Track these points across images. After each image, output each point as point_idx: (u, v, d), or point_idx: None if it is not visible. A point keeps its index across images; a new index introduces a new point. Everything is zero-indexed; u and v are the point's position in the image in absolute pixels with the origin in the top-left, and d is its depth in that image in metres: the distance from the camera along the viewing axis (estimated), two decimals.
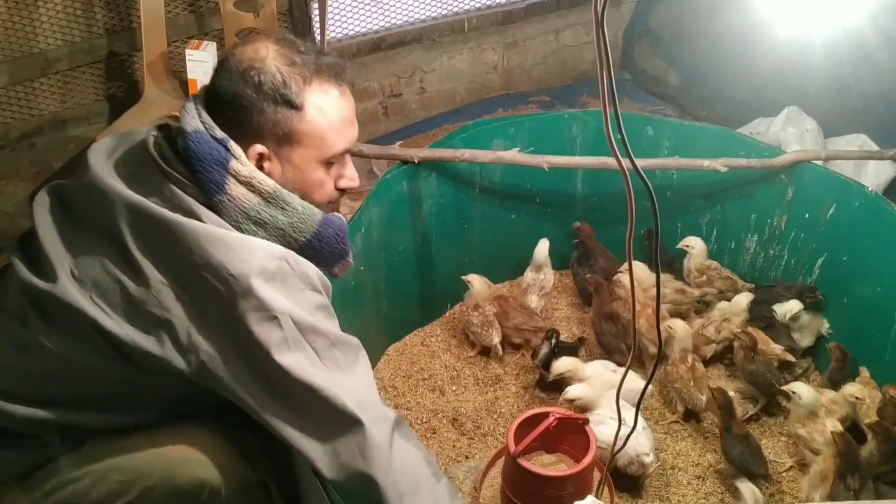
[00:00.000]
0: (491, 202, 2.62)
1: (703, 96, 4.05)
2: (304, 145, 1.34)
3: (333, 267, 1.46)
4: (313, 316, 1.29)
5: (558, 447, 2.03)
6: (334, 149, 1.37)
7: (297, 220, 1.33)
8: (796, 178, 2.41)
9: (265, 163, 1.34)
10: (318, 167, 1.38)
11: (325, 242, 1.38)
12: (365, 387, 1.36)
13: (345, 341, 1.34)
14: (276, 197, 1.31)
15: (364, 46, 3.87)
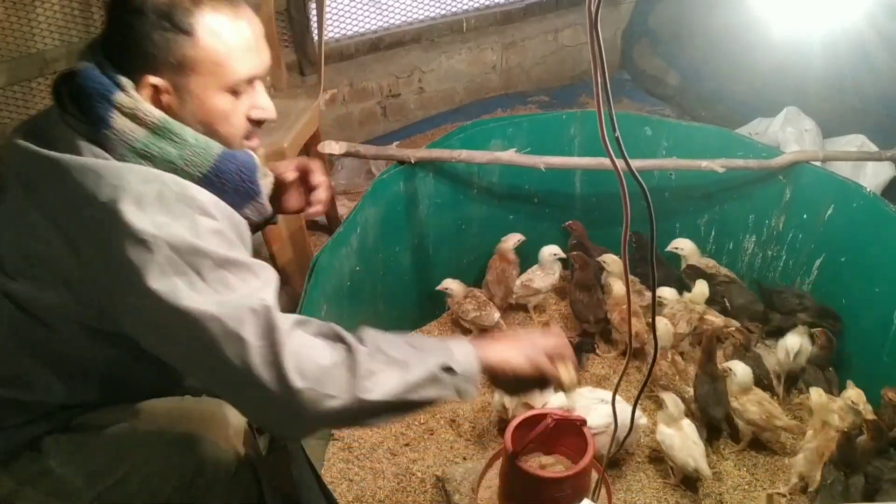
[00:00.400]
0: (489, 202, 2.62)
1: (703, 96, 4.05)
2: (199, 73, 1.24)
3: (243, 208, 1.34)
4: (199, 238, 1.17)
5: (556, 448, 2.02)
6: (235, 75, 1.26)
7: (190, 153, 1.24)
8: (794, 178, 2.40)
9: (163, 95, 1.24)
10: (220, 96, 1.27)
11: (226, 179, 1.28)
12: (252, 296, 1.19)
13: (237, 262, 1.19)
14: (165, 128, 1.23)
15: (362, 46, 3.87)
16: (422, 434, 2.24)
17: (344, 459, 2.16)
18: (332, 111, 3.71)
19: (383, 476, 2.11)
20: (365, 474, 2.12)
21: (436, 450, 2.20)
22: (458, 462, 2.15)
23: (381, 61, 3.89)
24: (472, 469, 2.07)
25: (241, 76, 1.27)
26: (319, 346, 1.19)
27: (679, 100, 4.21)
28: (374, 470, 2.13)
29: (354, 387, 1.17)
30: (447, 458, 2.17)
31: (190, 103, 1.26)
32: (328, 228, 3.22)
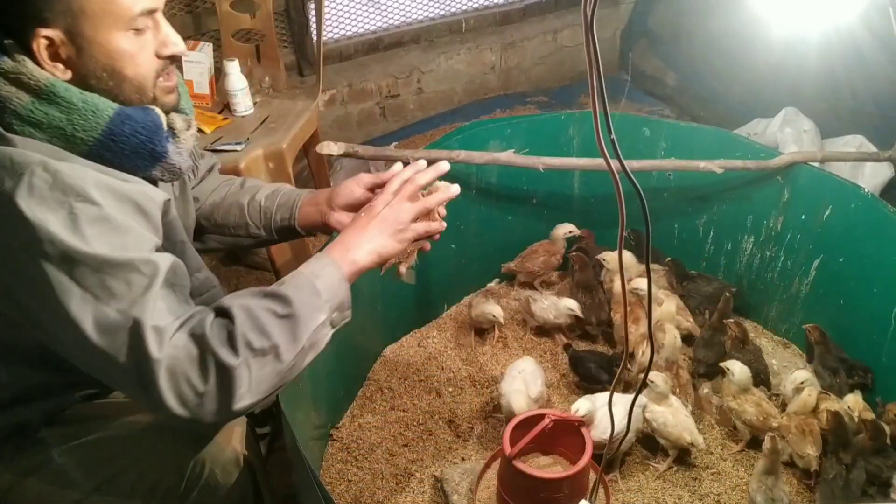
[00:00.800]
0: (487, 203, 2.62)
1: (702, 96, 4.05)
2: (90, 15, 1.14)
3: (149, 171, 1.27)
4: (76, 235, 1.10)
5: (554, 449, 2.03)
6: (129, 11, 1.16)
7: (78, 118, 1.16)
8: (792, 179, 2.40)
9: (61, 49, 1.16)
10: (119, 37, 1.18)
11: (123, 142, 1.19)
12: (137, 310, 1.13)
13: (117, 263, 1.12)
14: (50, 92, 1.14)
15: (361, 47, 3.87)
16: (420, 434, 2.24)
17: (342, 460, 2.17)
18: (331, 112, 3.71)
19: (382, 476, 2.11)
20: (363, 475, 2.12)
21: (434, 450, 2.19)
22: (456, 462, 2.15)
23: (380, 62, 3.90)
24: (470, 469, 2.07)
25: (135, 11, 1.18)
26: (195, 366, 1.13)
27: (678, 100, 4.22)
28: (372, 470, 2.13)
29: (232, 404, 1.14)
30: (446, 458, 2.17)
31: (89, 50, 1.17)
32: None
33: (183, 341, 1.13)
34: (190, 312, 1.18)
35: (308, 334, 1.22)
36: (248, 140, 2.39)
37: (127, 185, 1.18)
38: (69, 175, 1.12)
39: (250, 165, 2.29)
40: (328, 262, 1.29)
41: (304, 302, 1.22)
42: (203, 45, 2.64)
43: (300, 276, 1.26)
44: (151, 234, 1.20)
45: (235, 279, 2.99)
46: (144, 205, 1.19)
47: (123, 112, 1.20)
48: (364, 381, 2.44)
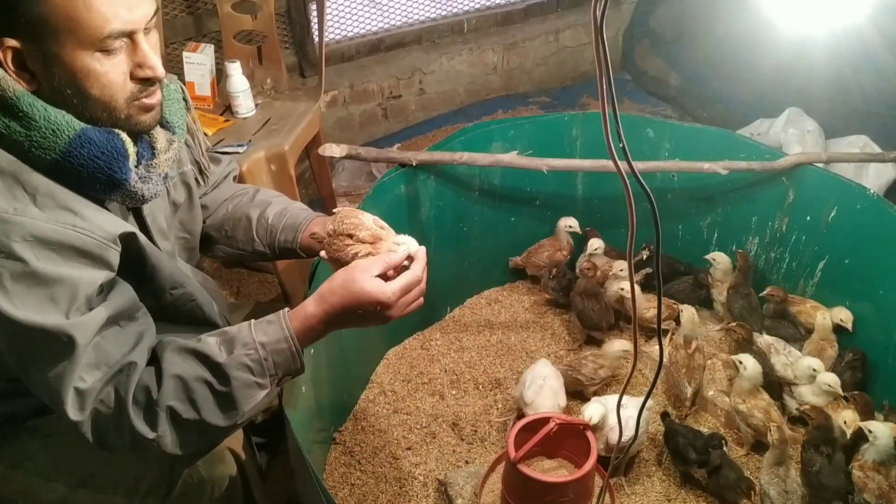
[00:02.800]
0: (490, 205, 2.60)
1: (704, 97, 4.04)
2: (55, 31, 1.09)
3: (108, 194, 1.23)
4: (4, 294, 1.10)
5: (559, 452, 2.02)
6: (97, 32, 1.11)
7: (38, 136, 1.12)
8: (797, 180, 2.39)
9: (27, 60, 1.12)
10: (84, 57, 1.12)
11: (79, 164, 1.15)
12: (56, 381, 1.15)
13: (36, 329, 1.11)
14: (13, 106, 1.11)
15: (363, 48, 3.86)
16: (424, 438, 2.23)
17: (345, 464, 2.15)
18: (333, 113, 3.70)
19: (385, 480, 2.10)
20: (367, 479, 2.11)
21: (437, 454, 2.18)
22: (460, 466, 2.14)
23: (382, 63, 3.89)
24: (474, 473, 2.06)
25: (104, 32, 1.12)
26: (115, 429, 1.19)
27: (680, 100, 4.21)
28: (375, 474, 2.12)
29: (157, 458, 1.24)
30: (449, 461, 2.16)
31: (54, 66, 1.13)
32: None
33: (107, 397, 1.19)
34: (124, 361, 1.20)
35: (244, 411, 1.25)
36: (250, 142, 2.38)
37: (60, 230, 1.13)
38: None
39: (252, 168, 2.28)
40: (285, 335, 1.28)
41: (245, 382, 1.25)
42: (204, 47, 2.63)
43: (249, 346, 1.26)
44: (96, 272, 1.17)
45: (237, 281, 2.98)
46: (85, 246, 1.15)
47: (85, 135, 1.16)
48: (367, 383, 2.42)
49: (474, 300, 2.77)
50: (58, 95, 1.16)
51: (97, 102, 1.18)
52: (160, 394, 1.19)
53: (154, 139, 1.30)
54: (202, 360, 1.23)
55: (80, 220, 1.16)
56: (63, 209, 1.15)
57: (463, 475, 2.05)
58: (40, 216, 1.12)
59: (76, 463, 1.43)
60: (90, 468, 1.43)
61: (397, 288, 1.35)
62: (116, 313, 1.21)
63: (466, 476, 2.05)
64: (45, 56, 1.12)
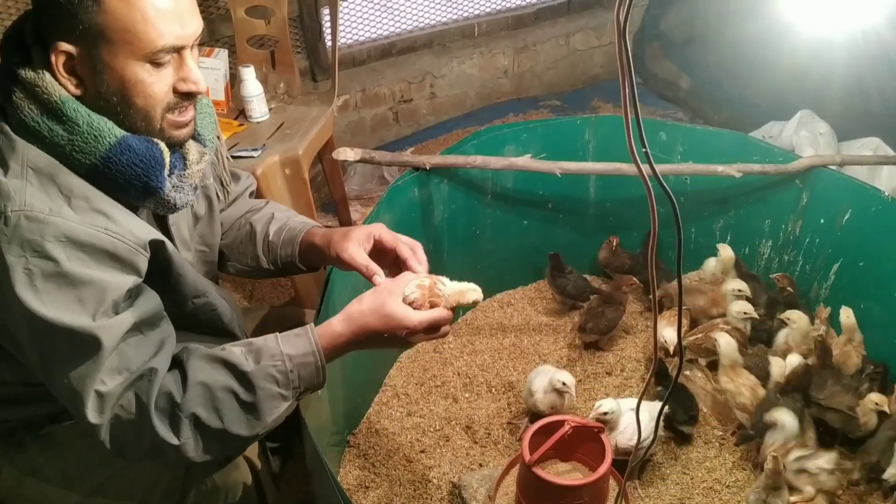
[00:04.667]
0: (503, 208, 2.61)
1: (715, 100, 4.04)
2: (110, 41, 1.14)
3: (142, 201, 1.26)
4: (32, 293, 1.12)
5: (573, 455, 2.02)
6: (151, 45, 1.16)
7: (80, 140, 1.16)
8: (811, 182, 2.39)
9: (77, 65, 1.16)
10: (134, 67, 1.17)
11: (118, 171, 1.19)
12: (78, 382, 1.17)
13: (63, 329, 1.13)
14: (58, 110, 1.15)
15: (374, 52, 3.88)
16: (437, 441, 2.23)
17: (360, 466, 2.16)
18: (345, 117, 3.72)
19: (400, 483, 2.11)
20: (381, 482, 2.11)
21: (451, 456, 2.19)
22: (474, 469, 2.14)
23: (393, 67, 3.90)
24: (488, 476, 2.06)
25: (157, 47, 1.17)
26: (134, 435, 1.20)
27: (691, 103, 4.21)
28: (390, 477, 2.12)
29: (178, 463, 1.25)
30: (463, 464, 2.16)
31: (104, 73, 1.17)
32: None
33: (127, 403, 1.19)
34: (145, 367, 1.20)
35: (266, 422, 1.26)
36: (264, 146, 2.39)
37: (93, 232, 1.16)
38: (29, 229, 1.12)
39: (267, 172, 2.29)
40: (312, 349, 1.30)
41: (270, 393, 1.25)
42: (218, 52, 2.65)
43: (276, 357, 1.27)
44: (125, 277, 1.19)
45: (251, 285, 2.99)
46: (116, 250, 1.18)
47: (125, 142, 1.19)
48: (380, 387, 2.43)
49: (487, 303, 2.78)
50: (102, 101, 1.20)
51: (139, 111, 1.21)
52: (184, 400, 1.20)
53: (187, 150, 1.33)
54: (229, 368, 1.24)
55: (113, 224, 1.18)
56: (96, 212, 1.18)
57: (477, 478, 2.06)
58: (74, 217, 1.15)
59: (90, 471, 1.43)
60: (104, 476, 1.44)
61: (426, 320, 1.36)
62: (141, 319, 1.22)
63: (481, 479, 2.05)
64: (97, 63, 1.16)
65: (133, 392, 1.19)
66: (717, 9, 3.96)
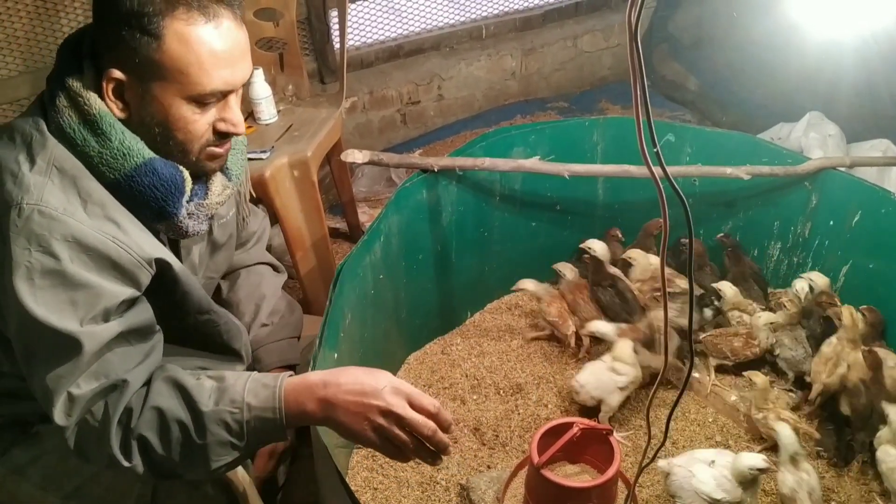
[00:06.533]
0: (511, 210, 2.61)
1: (723, 101, 4.03)
2: (163, 77, 1.21)
3: (156, 223, 1.31)
4: (28, 284, 1.14)
5: (582, 458, 2.02)
6: (200, 87, 1.22)
7: (109, 155, 1.21)
8: (821, 184, 2.38)
9: (126, 92, 1.23)
10: (182, 104, 1.24)
11: (138, 190, 1.23)
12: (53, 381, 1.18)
13: (48, 328, 1.14)
14: (95, 122, 1.20)
15: (382, 54, 3.88)
16: None
17: (368, 468, 2.16)
18: (352, 119, 3.73)
19: (407, 485, 2.10)
20: (389, 483, 2.11)
21: (459, 458, 2.18)
22: (482, 471, 2.14)
23: (401, 69, 3.90)
24: (496, 478, 2.06)
25: (206, 89, 1.23)
26: (95, 445, 1.20)
27: (699, 105, 4.20)
28: (398, 479, 2.12)
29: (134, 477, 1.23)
30: (471, 466, 2.16)
31: (150, 105, 1.23)
32: (349, 236, 3.23)
33: (96, 410, 1.19)
34: (120, 378, 1.20)
35: (212, 467, 1.23)
36: (272, 148, 2.40)
37: (101, 238, 1.19)
38: (40, 224, 1.15)
39: (275, 174, 2.30)
40: (274, 405, 1.22)
41: (219, 440, 1.21)
42: None
43: (236, 403, 1.21)
44: (122, 288, 1.22)
45: None
46: (120, 260, 1.20)
47: (151, 164, 1.24)
48: None
49: (495, 305, 2.78)
50: (143, 128, 1.26)
51: (177, 143, 1.28)
52: (138, 421, 1.19)
53: (211, 181, 1.38)
54: (188, 402, 1.21)
55: (123, 234, 1.21)
56: (109, 220, 1.21)
57: (485, 480, 2.05)
58: (86, 221, 1.18)
59: (68, 474, 1.44)
60: (79, 480, 1.44)
61: (414, 395, 1.24)
62: (129, 330, 1.23)
63: (489, 481, 2.05)
64: (145, 94, 1.22)
65: (104, 401, 1.19)
66: (726, 11, 3.96)
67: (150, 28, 1.18)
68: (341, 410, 1.22)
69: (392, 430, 1.21)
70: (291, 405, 1.22)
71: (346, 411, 1.22)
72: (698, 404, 2.31)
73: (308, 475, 2.02)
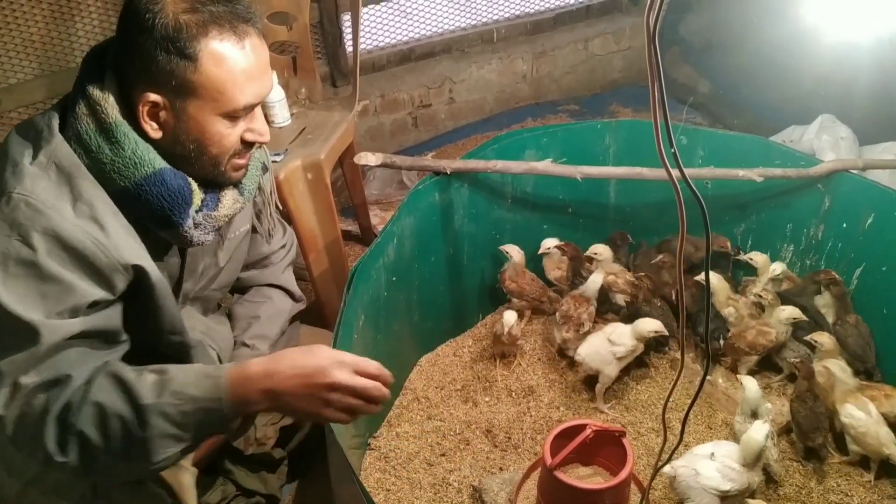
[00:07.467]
0: (523, 212, 2.61)
1: (734, 104, 4.03)
2: (199, 97, 1.26)
3: (161, 230, 1.36)
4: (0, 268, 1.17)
5: (594, 460, 2.02)
6: (234, 103, 1.29)
7: (121, 163, 1.25)
8: (833, 187, 2.37)
9: (161, 112, 1.28)
10: (217, 120, 1.30)
11: (146, 199, 1.28)
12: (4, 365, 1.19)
13: (11, 315, 1.17)
14: (110, 131, 1.25)
15: (394, 57, 3.89)
16: (457, 444, 2.24)
17: (380, 469, 2.17)
18: (364, 122, 3.74)
19: (420, 486, 2.11)
20: (402, 484, 2.12)
21: (472, 460, 2.19)
22: (494, 472, 2.14)
23: (413, 72, 3.91)
24: (508, 479, 2.06)
25: (240, 104, 1.30)
26: (31, 440, 1.19)
27: (710, 108, 4.20)
28: (410, 480, 2.13)
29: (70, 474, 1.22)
30: (483, 468, 2.17)
31: (185, 123, 1.29)
32: (361, 239, 3.24)
33: (36, 402, 1.19)
34: (65, 373, 1.21)
35: (155, 460, 1.22)
36: (286, 151, 2.41)
37: (80, 237, 1.21)
38: (24, 215, 1.18)
39: (289, 176, 2.31)
40: (220, 394, 1.21)
41: (162, 432, 1.20)
42: None
43: (178, 395, 1.20)
44: (95, 288, 1.24)
45: None
46: (96, 260, 1.23)
47: (160, 175, 1.29)
48: (401, 390, 2.44)
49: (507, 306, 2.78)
50: (178, 146, 1.31)
51: (211, 157, 1.34)
52: (78, 416, 1.19)
53: (224, 194, 1.43)
54: (128, 395, 1.20)
55: (104, 236, 1.24)
56: (94, 221, 1.24)
57: (497, 482, 2.06)
58: (70, 218, 1.21)
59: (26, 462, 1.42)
60: (22, 481, 1.43)
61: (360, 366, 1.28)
62: (92, 331, 1.25)
63: (501, 483, 2.05)
64: (181, 113, 1.28)
65: (46, 394, 1.19)
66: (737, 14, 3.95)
67: (187, 51, 1.22)
68: (290, 396, 1.24)
69: (345, 401, 1.26)
70: (234, 396, 1.22)
71: (296, 396, 1.24)
72: (711, 407, 2.31)
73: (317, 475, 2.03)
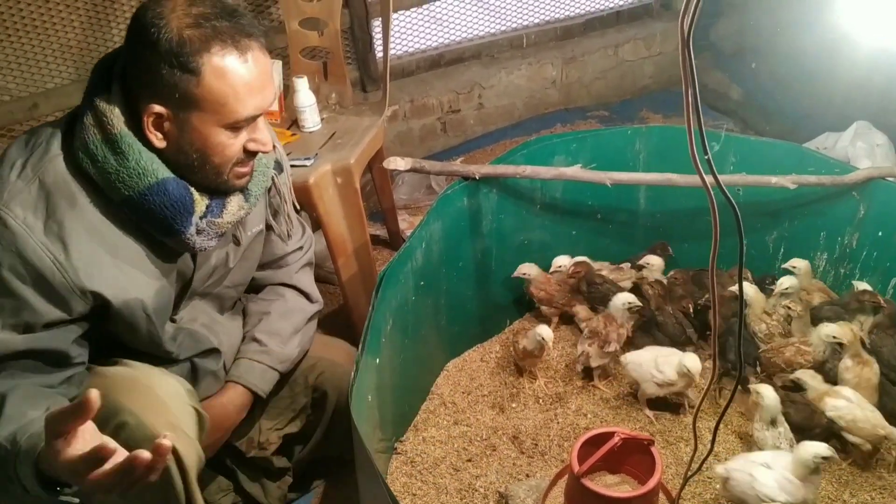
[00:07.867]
0: (551, 218, 2.61)
1: (766, 110, 3.98)
2: (202, 109, 1.30)
3: (166, 238, 1.40)
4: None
5: (622, 468, 2.01)
6: (236, 115, 1.32)
7: (125, 173, 1.29)
8: (869, 194, 2.34)
9: (165, 123, 1.31)
10: (219, 131, 1.34)
11: (149, 208, 1.32)
12: None
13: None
14: (115, 142, 1.29)
15: (423, 63, 3.91)
16: (484, 450, 2.23)
17: (407, 474, 2.17)
18: (393, 127, 3.75)
19: (446, 492, 2.11)
20: (428, 489, 2.12)
21: (498, 466, 2.18)
22: (521, 479, 2.13)
23: (442, 77, 3.93)
24: (535, 486, 2.05)
25: (241, 117, 1.33)
26: None
27: (741, 114, 4.16)
28: (436, 485, 2.13)
29: None
30: (510, 474, 2.16)
31: (189, 134, 1.32)
32: (389, 243, 3.25)
33: None
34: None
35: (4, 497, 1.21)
36: (316, 155, 2.43)
37: (42, 255, 1.25)
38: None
39: (319, 181, 2.33)
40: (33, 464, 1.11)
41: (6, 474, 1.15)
42: (273, 63, 2.70)
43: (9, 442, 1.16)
44: (51, 308, 1.29)
45: None
46: (53, 280, 1.27)
47: (163, 185, 1.33)
48: (427, 394, 2.44)
49: (535, 313, 2.77)
50: (182, 155, 1.35)
51: (213, 167, 1.38)
52: None
53: (229, 200, 1.46)
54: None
55: (66, 258, 1.28)
56: (59, 240, 1.28)
57: (524, 488, 2.05)
58: (37, 236, 1.26)
59: None
60: None
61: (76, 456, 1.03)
62: (38, 350, 1.28)
63: (528, 489, 2.04)
64: (184, 124, 1.32)
65: None
66: (768, 19, 3.91)
67: (190, 65, 1.25)
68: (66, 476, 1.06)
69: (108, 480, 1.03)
70: (44, 465, 1.10)
71: None
72: (741, 416, 2.28)
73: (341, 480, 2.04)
